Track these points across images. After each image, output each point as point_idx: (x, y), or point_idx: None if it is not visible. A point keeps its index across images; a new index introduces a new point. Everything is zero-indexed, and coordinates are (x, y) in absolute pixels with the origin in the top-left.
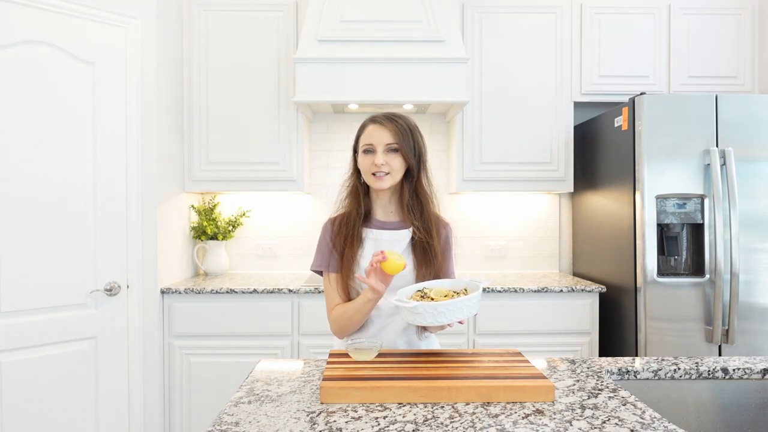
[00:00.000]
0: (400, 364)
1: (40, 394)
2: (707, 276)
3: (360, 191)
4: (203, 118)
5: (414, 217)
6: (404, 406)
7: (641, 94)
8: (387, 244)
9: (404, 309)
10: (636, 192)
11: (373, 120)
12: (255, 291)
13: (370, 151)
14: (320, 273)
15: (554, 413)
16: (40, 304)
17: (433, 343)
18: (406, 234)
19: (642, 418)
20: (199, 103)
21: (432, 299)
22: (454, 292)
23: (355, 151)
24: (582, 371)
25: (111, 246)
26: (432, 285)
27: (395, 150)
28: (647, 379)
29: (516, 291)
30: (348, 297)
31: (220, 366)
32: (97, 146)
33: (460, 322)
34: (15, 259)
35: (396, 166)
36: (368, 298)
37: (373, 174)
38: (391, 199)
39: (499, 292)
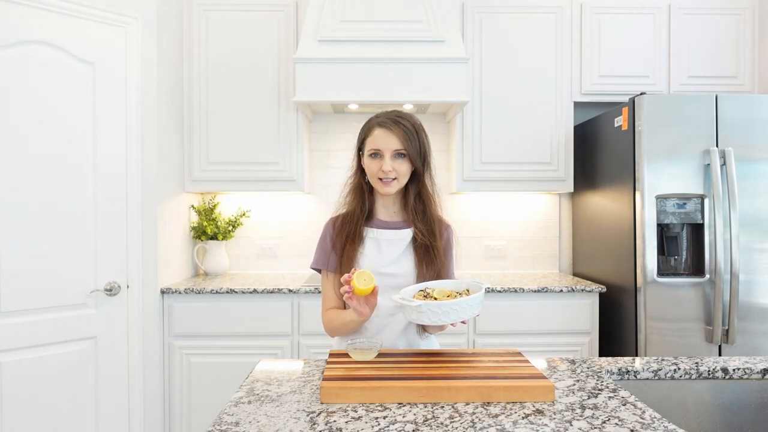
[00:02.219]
0: (400, 364)
1: (40, 394)
2: (707, 276)
3: (364, 189)
4: (203, 118)
5: (416, 219)
6: (404, 406)
7: (641, 94)
8: (388, 243)
9: (407, 307)
10: (636, 192)
11: (381, 124)
12: (255, 291)
13: (377, 155)
14: (319, 271)
15: (554, 413)
16: (40, 304)
17: (432, 343)
18: (407, 234)
19: (642, 418)
20: (199, 103)
21: (435, 299)
22: (457, 292)
23: (359, 150)
24: (582, 371)
25: (111, 246)
26: (434, 285)
27: (403, 155)
28: (647, 379)
29: (516, 291)
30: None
31: (220, 366)
32: (97, 146)
33: (463, 322)
34: (15, 259)
35: (403, 171)
36: (352, 318)
37: (380, 179)
38: (395, 200)
39: (499, 292)
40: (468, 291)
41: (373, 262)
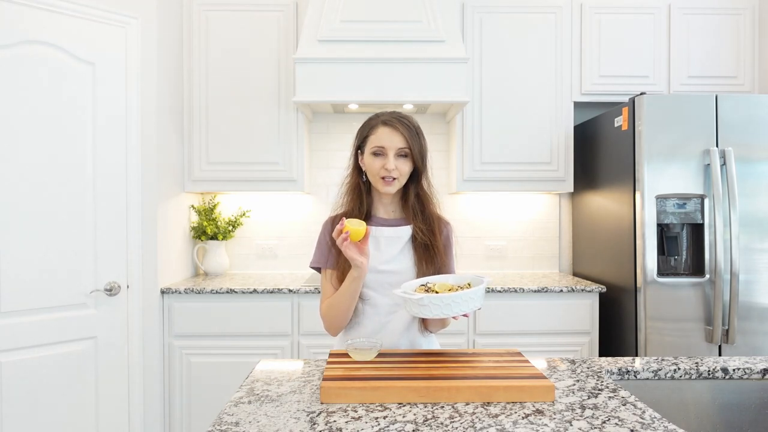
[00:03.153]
0: (400, 364)
1: (40, 394)
2: (707, 276)
3: (362, 189)
4: (203, 118)
5: (416, 218)
6: (404, 406)
7: (641, 94)
8: (386, 241)
9: (410, 301)
10: (636, 192)
11: (385, 122)
12: (255, 291)
13: (380, 154)
14: (318, 270)
15: (554, 413)
16: (40, 304)
17: (433, 342)
18: (406, 231)
19: (642, 418)
20: (199, 103)
21: (436, 293)
22: (458, 286)
23: (358, 148)
24: (582, 371)
25: (111, 246)
26: (436, 279)
27: (406, 154)
28: (647, 379)
29: (516, 291)
30: None
31: (220, 366)
32: (97, 146)
33: (465, 315)
34: (15, 259)
35: (405, 171)
36: (353, 276)
37: (382, 178)
38: (394, 199)
39: (499, 292)
40: (469, 285)
41: (372, 259)
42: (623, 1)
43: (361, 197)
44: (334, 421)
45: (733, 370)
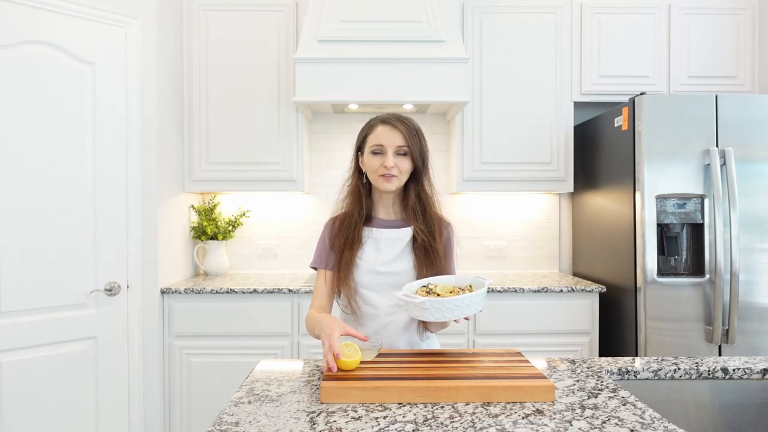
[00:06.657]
0: (400, 364)
1: (40, 394)
2: (707, 276)
3: (362, 192)
4: (203, 118)
5: (417, 220)
6: (404, 406)
7: (641, 94)
8: (387, 242)
9: (411, 304)
10: (636, 192)
11: (384, 121)
12: (255, 291)
13: (379, 152)
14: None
15: (554, 413)
16: (40, 304)
17: (433, 343)
18: (407, 232)
19: (642, 418)
20: (199, 103)
21: (438, 295)
22: (459, 288)
23: (359, 150)
24: (582, 371)
25: (111, 246)
26: (437, 281)
27: (405, 153)
28: (647, 379)
29: (516, 291)
30: (331, 298)
31: (220, 366)
32: (97, 146)
33: (466, 319)
34: (15, 259)
35: (404, 169)
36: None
37: (382, 175)
38: (395, 200)
39: (499, 292)
40: (471, 287)
41: (372, 261)
42: (623, 1)
43: (360, 199)
44: (334, 421)
45: (733, 370)
